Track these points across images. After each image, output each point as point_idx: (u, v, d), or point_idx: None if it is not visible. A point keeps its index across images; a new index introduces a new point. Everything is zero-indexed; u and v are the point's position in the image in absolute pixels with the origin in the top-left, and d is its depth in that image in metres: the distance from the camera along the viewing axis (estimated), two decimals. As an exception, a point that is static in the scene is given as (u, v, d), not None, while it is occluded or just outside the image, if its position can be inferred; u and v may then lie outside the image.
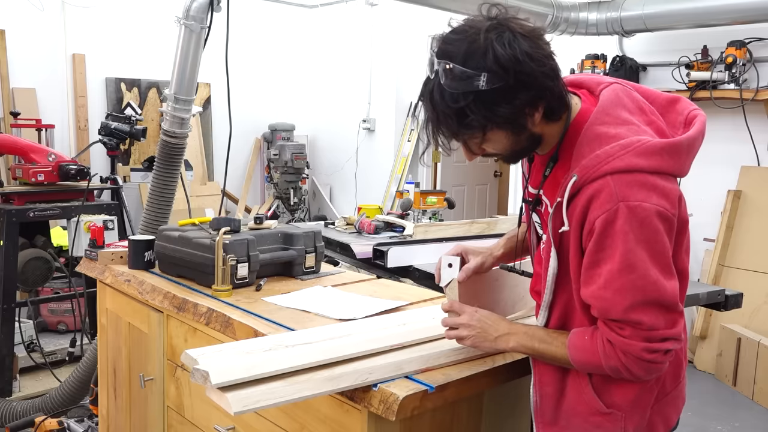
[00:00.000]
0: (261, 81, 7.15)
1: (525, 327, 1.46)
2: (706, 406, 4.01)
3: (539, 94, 1.27)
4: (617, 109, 1.34)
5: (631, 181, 1.24)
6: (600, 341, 1.31)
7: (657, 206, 1.24)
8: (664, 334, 1.27)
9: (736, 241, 4.59)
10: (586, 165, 1.28)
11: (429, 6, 4.64)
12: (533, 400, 1.47)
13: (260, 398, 1.33)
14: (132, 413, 2.36)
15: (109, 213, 3.75)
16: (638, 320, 1.26)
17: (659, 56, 4.97)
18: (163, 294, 2.10)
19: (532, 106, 1.28)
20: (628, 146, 1.27)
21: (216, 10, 2.74)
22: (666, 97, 1.44)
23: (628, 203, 1.23)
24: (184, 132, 2.83)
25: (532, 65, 1.24)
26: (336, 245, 3.45)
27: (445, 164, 6.80)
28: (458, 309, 1.49)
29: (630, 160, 1.25)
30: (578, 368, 1.37)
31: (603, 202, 1.25)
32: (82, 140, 5.98)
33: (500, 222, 3.72)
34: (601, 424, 1.37)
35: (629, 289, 1.25)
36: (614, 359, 1.29)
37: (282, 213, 6.95)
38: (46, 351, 4.02)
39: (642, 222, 1.24)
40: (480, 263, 1.58)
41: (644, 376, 1.31)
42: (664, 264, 1.27)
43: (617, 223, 1.24)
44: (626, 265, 1.24)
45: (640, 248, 1.24)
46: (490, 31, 1.24)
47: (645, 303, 1.26)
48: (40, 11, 5.67)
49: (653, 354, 1.27)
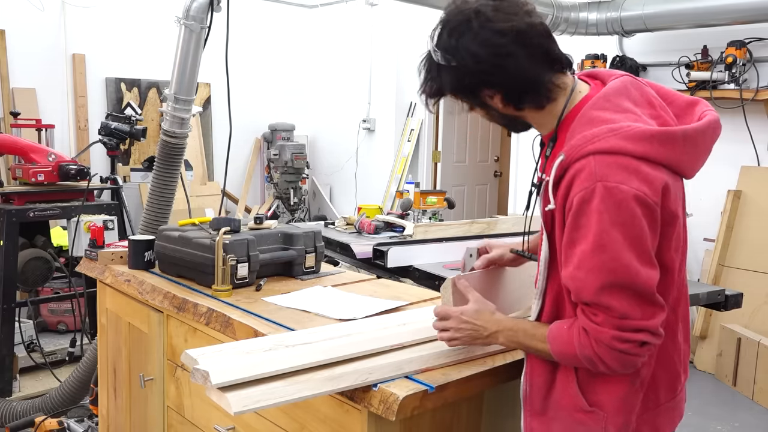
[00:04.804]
0: (261, 81, 7.15)
1: (512, 322, 1.44)
2: (706, 406, 4.01)
3: (477, 83, 1.36)
4: (620, 97, 1.34)
5: (612, 162, 1.24)
6: (576, 330, 1.29)
7: (636, 190, 1.22)
8: (638, 324, 1.24)
9: (736, 241, 4.59)
10: (573, 145, 1.28)
11: (429, 6, 4.65)
12: (523, 389, 1.47)
13: (260, 398, 1.33)
14: (132, 413, 2.36)
15: (109, 213, 3.76)
16: (608, 304, 1.24)
17: (659, 56, 4.97)
18: (163, 294, 2.10)
19: (479, 90, 1.37)
20: (617, 130, 1.27)
21: (216, 10, 2.74)
22: (685, 100, 1.44)
23: (605, 183, 1.22)
24: (184, 132, 2.83)
25: (467, 60, 1.33)
26: (336, 245, 3.45)
27: (445, 164, 6.80)
28: (443, 314, 1.48)
29: (615, 142, 1.25)
30: (558, 360, 1.35)
31: (582, 181, 1.25)
32: (82, 140, 5.98)
33: (500, 222, 3.72)
34: (584, 422, 1.36)
35: (600, 269, 1.23)
36: (588, 348, 1.27)
37: (282, 213, 6.95)
38: (46, 351, 4.02)
39: (618, 204, 1.22)
40: (499, 255, 1.62)
41: (619, 368, 1.28)
42: (641, 251, 1.24)
43: (593, 203, 1.23)
44: (599, 245, 1.23)
45: (614, 230, 1.22)
46: (456, 20, 1.35)
47: (615, 286, 1.23)
48: (40, 11, 5.67)
49: (625, 344, 1.24)
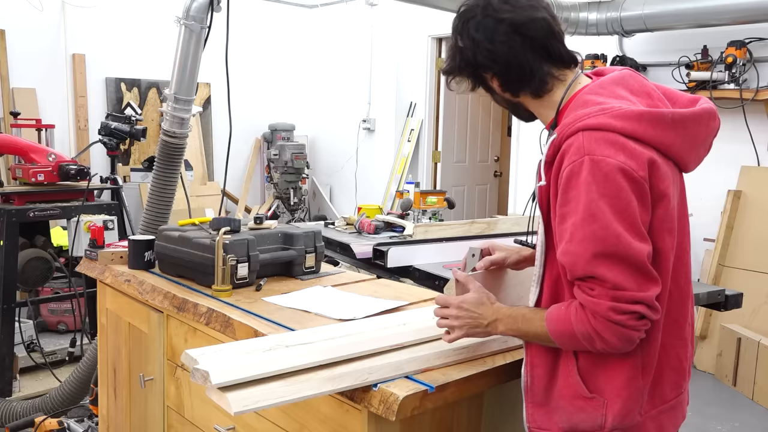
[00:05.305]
0: (261, 81, 7.15)
1: (510, 309, 1.45)
2: (706, 406, 4.00)
3: (477, 67, 1.44)
4: (616, 86, 1.38)
5: (600, 137, 1.28)
6: (573, 308, 1.31)
7: (622, 164, 1.26)
8: (633, 296, 1.25)
9: (736, 241, 4.59)
10: (565, 123, 1.33)
11: (429, 6, 4.64)
12: (524, 380, 1.47)
13: (260, 398, 1.33)
14: (132, 413, 2.36)
15: (109, 213, 3.75)
16: (602, 275, 1.25)
17: (659, 56, 4.97)
18: (163, 294, 2.10)
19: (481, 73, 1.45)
20: (607, 109, 1.31)
21: (216, 10, 2.74)
22: (688, 98, 1.46)
23: (593, 156, 1.26)
24: (184, 132, 2.83)
25: (469, 46, 1.43)
26: (336, 245, 3.45)
27: (445, 164, 6.80)
28: (443, 302, 1.51)
29: (604, 120, 1.29)
30: (557, 342, 1.36)
31: (571, 155, 1.29)
32: (82, 140, 5.98)
33: (500, 222, 3.72)
34: (584, 408, 1.37)
35: (590, 239, 1.26)
36: (585, 323, 1.28)
37: (282, 213, 6.95)
38: (46, 351, 4.02)
39: (606, 176, 1.25)
40: (503, 257, 1.62)
41: (617, 343, 1.28)
42: (630, 222, 1.26)
43: (581, 175, 1.26)
44: (588, 215, 1.25)
45: (603, 201, 1.25)
46: (467, 11, 1.45)
47: (607, 255, 1.25)
48: (40, 11, 5.67)
49: (621, 315, 1.25)
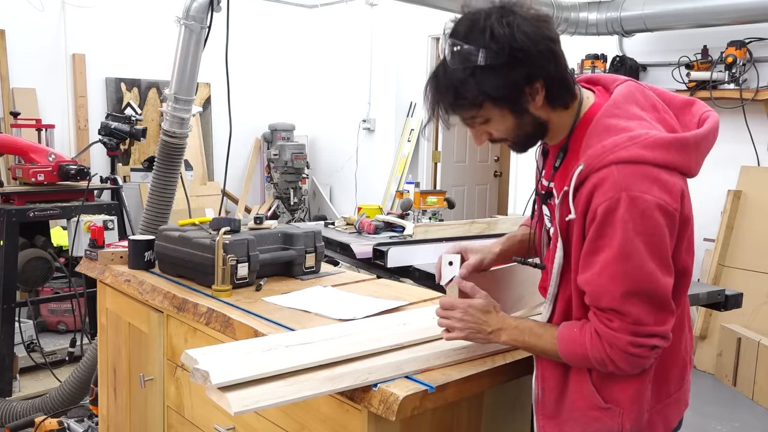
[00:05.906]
0: (261, 81, 7.15)
1: (516, 321, 1.47)
2: (706, 406, 4.00)
3: (535, 73, 1.30)
4: (629, 104, 1.37)
5: (635, 171, 1.26)
6: (588, 333, 1.32)
7: (658, 199, 1.25)
8: (652, 330, 1.28)
9: (736, 241, 4.59)
10: (593, 154, 1.29)
11: (429, 6, 4.64)
12: (535, 393, 1.48)
13: (260, 398, 1.33)
14: (132, 413, 2.36)
15: (109, 213, 3.75)
16: (627, 311, 1.27)
17: (659, 56, 4.97)
18: (163, 294, 2.10)
19: (529, 85, 1.31)
20: (636, 138, 1.28)
21: (216, 10, 2.74)
22: (682, 100, 1.46)
23: (630, 193, 1.25)
24: (184, 132, 2.83)
25: (528, 44, 1.28)
26: (336, 245, 3.45)
27: (445, 164, 6.80)
28: (449, 304, 1.50)
29: (636, 152, 1.27)
30: (566, 361, 1.38)
31: (606, 191, 1.26)
32: (82, 140, 5.98)
33: (500, 222, 3.72)
34: (600, 419, 1.39)
35: (623, 277, 1.26)
36: (600, 351, 1.30)
37: (282, 213, 6.95)
38: (46, 351, 4.01)
39: (643, 213, 1.25)
40: (479, 260, 1.59)
41: (629, 370, 1.32)
42: (662, 257, 1.28)
43: (618, 212, 1.25)
44: (623, 253, 1.25)
45: (638, 239, 1.25)
46: (493, 13, 1.30)
47: (636, 294, 1.26)
48: (40, 11, 5.67)
49: (639, 348, 1.28)
